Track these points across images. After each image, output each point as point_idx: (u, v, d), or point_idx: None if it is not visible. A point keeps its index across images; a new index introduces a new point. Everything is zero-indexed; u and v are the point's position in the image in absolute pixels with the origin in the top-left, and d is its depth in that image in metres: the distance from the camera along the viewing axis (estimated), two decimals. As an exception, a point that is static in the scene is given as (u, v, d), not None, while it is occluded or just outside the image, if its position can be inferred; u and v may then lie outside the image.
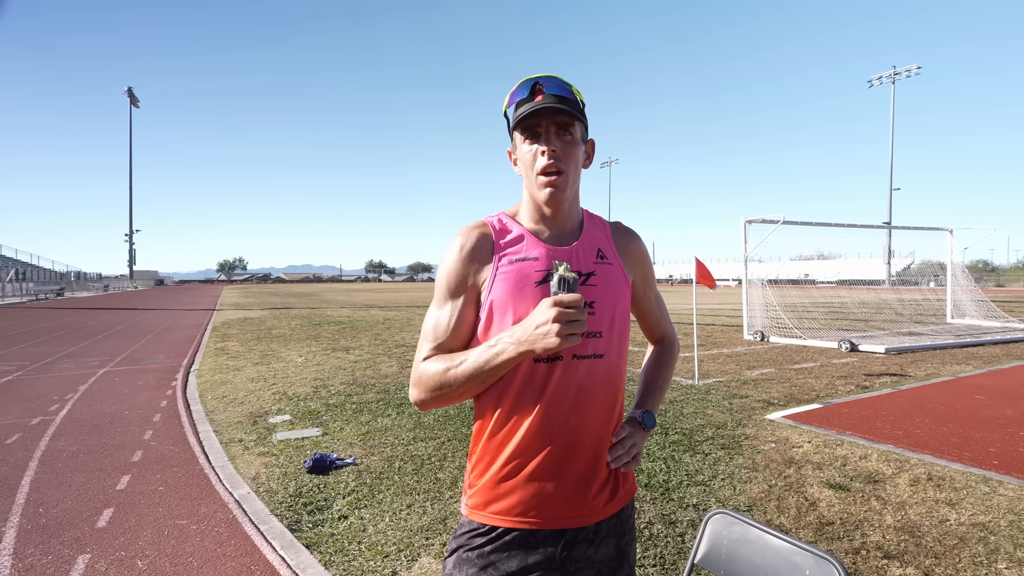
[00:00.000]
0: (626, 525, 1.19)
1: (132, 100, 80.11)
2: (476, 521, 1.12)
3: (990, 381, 7.05)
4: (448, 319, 1.12)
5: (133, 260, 77.66)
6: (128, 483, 3.67)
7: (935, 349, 10.04)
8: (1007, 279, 64.16)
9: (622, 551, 1.17)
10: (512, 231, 1.15)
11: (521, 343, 0.98)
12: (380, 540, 2.88)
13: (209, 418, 5.37)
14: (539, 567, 1.09)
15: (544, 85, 1.08)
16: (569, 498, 1.10)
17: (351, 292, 48.83)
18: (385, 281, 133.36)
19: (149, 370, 8.19)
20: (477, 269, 1.12)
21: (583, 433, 1.09)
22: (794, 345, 10.63)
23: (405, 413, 5.40)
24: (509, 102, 1.13)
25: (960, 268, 16.03)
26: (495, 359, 1.01)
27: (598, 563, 1.13)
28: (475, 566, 1.09)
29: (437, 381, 1.07)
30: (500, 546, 1.09)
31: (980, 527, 3.01)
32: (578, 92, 1.12)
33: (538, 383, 1.07)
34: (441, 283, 1.14)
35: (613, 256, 1.19)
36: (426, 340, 1.13)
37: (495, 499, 1.10)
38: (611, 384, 1.12)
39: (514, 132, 1.14)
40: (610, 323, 1.12)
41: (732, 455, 4.14)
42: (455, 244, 1.14)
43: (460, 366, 1.05)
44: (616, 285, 1.16)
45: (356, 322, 16.16)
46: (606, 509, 1.14)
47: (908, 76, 60.71)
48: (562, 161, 1.08)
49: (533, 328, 0.96)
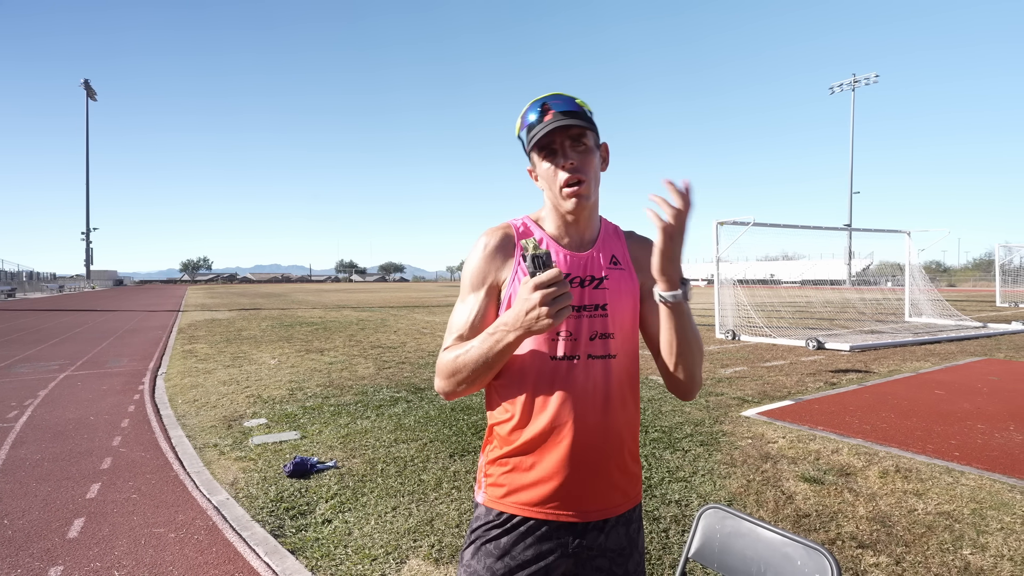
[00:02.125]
0: (633, 514, 1.23)
1: (89, 93, 77.01)
2: (494, 510, 1.17)
3: (948, 377, 7.39)
4: (469, 313, 1.17)
5: (90, 259, 74.60)
6: (99, 491, 3.54)
7: (896, 346, 10.47)
8: (958, 279, 67.26)
9: (631, 539, 1.22)
10: (534, 234, 1.21)
11: (516, 328, 1.01)
12: (367, 543, 2.85)
13: (181, 423, 5.21)
14: (554, 554, 1.14)
15: (551, 104, 1.14)
16: (585, 492, 1.14)
17: (322, 292, 47.97)
18: (356, 281, 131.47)
19: (113, 374, 7.89)
20: (499, 267, 1.18)
21: (599, 430, 1.14)
22: (764, 343, 10.93)
23: (385, 415, 5.34)
24: (521, 125, 1.19)
25: (918, 269, 16.74)
26: (496, 345, 1.05)
27: (610, 551, 1.18)
28: (492, 556, 1.14)
29: (450, 368, 1.13)
30: (516, 536, 1.14)
31: (945, 515, 3.16)
32: (584, 103, 1.17)
33: (556, 380, 1.12)
34: (465, 279, 1.21)
35: (626, 262, 1.25)
36: (450, 333, 1.19)
37: (513, 490, 1.15)
38: (625, 383, 1.18)
39: (531, 152, 1.18)
40: (621, 324, 1.18)
41: (711, 451, 4.24)
42: (480, 243, 1.21)
43: (468, 353, 1.10)
44: (627, 289, 1.21)
45: (329, 323, 15.89)
46: (619, 505, 1.19)
47: (867, 84, 63.02)
48: (581, 171, 1.13)
49: (523, 315, 0.99)
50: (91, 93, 77.39)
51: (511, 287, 1.16)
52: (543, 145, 1.14)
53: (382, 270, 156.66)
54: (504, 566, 1.13)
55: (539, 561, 1.13)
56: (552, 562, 1.13)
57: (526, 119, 1.17)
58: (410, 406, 5.69)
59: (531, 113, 1.16)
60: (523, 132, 1.19)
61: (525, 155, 1.23)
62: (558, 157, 1.14)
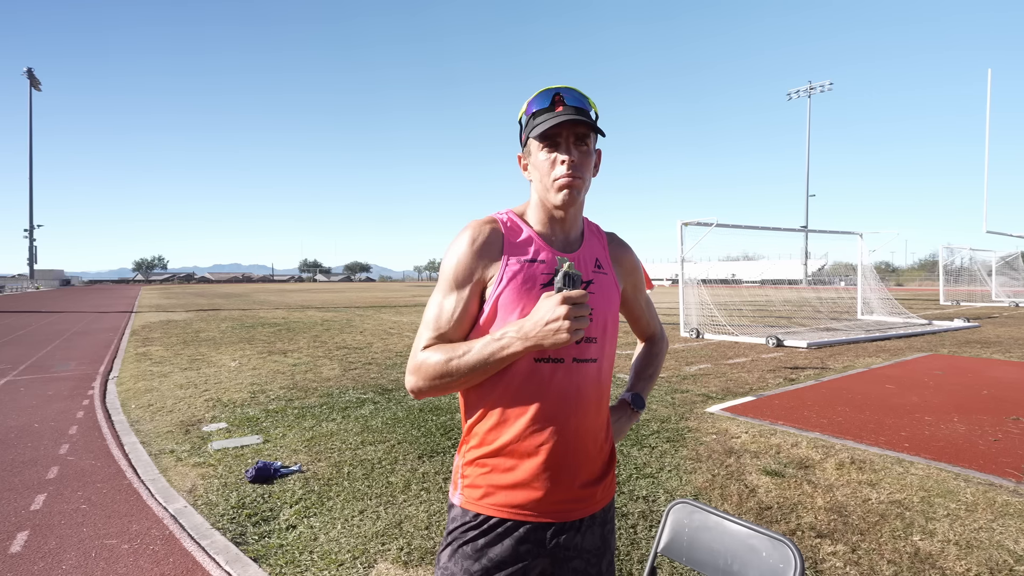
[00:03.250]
0: (608, 515, 1.25)
1: (33, 82, 72.93)
2: (471, 511, 1.15)
3: (897, 372, 7.75)
4: (453, 309, 1.13)
5: (34, 258, 70.68)
6: (44, 502, 3.35)
7: (849, 343, 10.91)
8: (905, 279, 70.72)
9: (605, 539, 1.23)
10: (522, 231, 1.18)
11: (529, 338, 0.99)
12: (333, 548, 2.78)
13: (134, 428, 4.98)
14: (531, 555, 1.13)
15: (564, 96, 1.11)
16: (563, 494, 1.14)
17: (285, 292, 46.79)
18: (321, 281, 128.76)
19: (60, 379, 7.50)
20: (487, 264, 1.13)
21: (578, 432, 1.14)
22: (727, 341, 11.23)
23: (351, 417, 5.24)
24: (527, 110, 1.15)
25: (870, 269, 17.51)
26: (500, 352, 1.02)
27: (586, 552, 1.18)
28: (469, 558, 1.12)
29: (439, 370, 1.07)
30: (493, 537, 1.13)
31: (897, 504, 3.31)
32: (594, 105, 1.15)
33: (539, 383, 1.11)
34: (448, 273, 1.14)
35: (608, 266, 1.25)
36: (427, 328, 1.13)
37: (491, 492, 1.14)
38: (601, 386, 1.19)
39: (530, 140, 1.15)
40: (603, 330, 1.18)
41: (677, 447, 4.32)
42: (465, 236, 1.14)
43: (463, 357, 1.05)
44: (609, 295, 1.22)
45: (292, 324, 15.50)
46: (595, 505, 1.20)
47: (822, 91, 65.54)
48: (579, 170, 1.11)
49: (543, 324, 0.97)
50: (35, 83, 73.30)
51: (497, 287, 1.11)
52: (547, 135, 1.11)
53: (347, 270, 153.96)
54: (481, 568, 1.11)
55: (517, 562, 1.12)
56: (530, 563, 1.13)
57: (533, 105, 1.13)
58: (377, 407, 5.60)
59: (540, 100, 1.12)
60: (526, 117, 1.15)
61: (519, 142, 1.20)
62: (560, 150, 1.11)
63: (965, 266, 30.05)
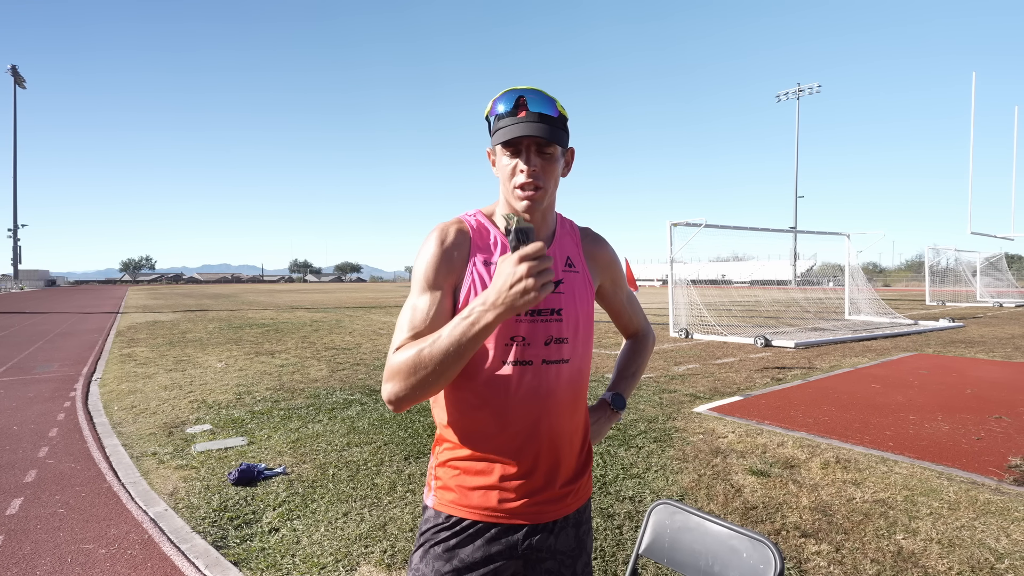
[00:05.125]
0: (583, 516, 1.23)
1: (17, 80, 71.89)
2: (443, 513, 1.14)
3: (883, 371, 7.82)
4: (427, 308, 1.08)
5: (18, 258, 69.69)
6: (20, 507, 3.28)
7: (836, 343, 11.01)
8: (892, 279, 71.55)
9: (580, 540, 1.21)
10: (489, 232, 1.16)
11: (497, 306, 0.93)
12: (315, 551, 2.75)
13: (116, 431, 4.90)
14: (502, 556, 1.12)
15: (528, 100, 1.07)
16: (535, 496, 1.13)
17: (274, 293, 46.43)
18: (311, 282, 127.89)
19: (42, 380, 7.37)
20: (456, 264, 1.11)
21: (550, 434, 1.13)
22: (716, 341, 11.28)
23: (337, 418, 5.20)
24: (491, 110, 1.12)
25: (857, 269, 17.68)
26: (471, 329, 0.95)
27: (559, 553, 1.17)
28: (441, 559, 1.11)
29: (412, 364, 1.00)
30: (465, 539, 1.11)
31: (881, 503, 3.33)
32: (562, 108, 1.12)
33: (507, 385, 1.09)
34: (419, 275, 1.11)
35: (581, 264, 1.23)
36: (401, 331, 1.08)
37: (462, 494, 1.13)
38: (576, 387, 1.17)
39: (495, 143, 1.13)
40: (575, 329, 1.15)
41: (664, 447, 4.32)
42: (434, 238, 1.13)
43: (435, 343, 0.98)
44: (582, 293, 1.19)
45: (281, 324, 15.37)
46: (569, 506, 1.18)
47: (811, 93, 66.10)
48: (540, 178, 1.08)
49: (507, 289, 0.92)
50: (19, 80, 72.26)
51: (467, 288, 1.10)
52: (508, 142, 1.09)
53: (338, 270, 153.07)
54: (452, 568, 1.10)
55: (488, 564, 1.11)
56: (501, 565, 1.12)
57: (496, 107, 1.10)
58: (364, 408, 5.56)
59: (504, 102, 1.09)
60: (492, 117, 1.12)
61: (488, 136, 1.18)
62: (521, 157, 1.09)
63: (951, 267, 30.48)
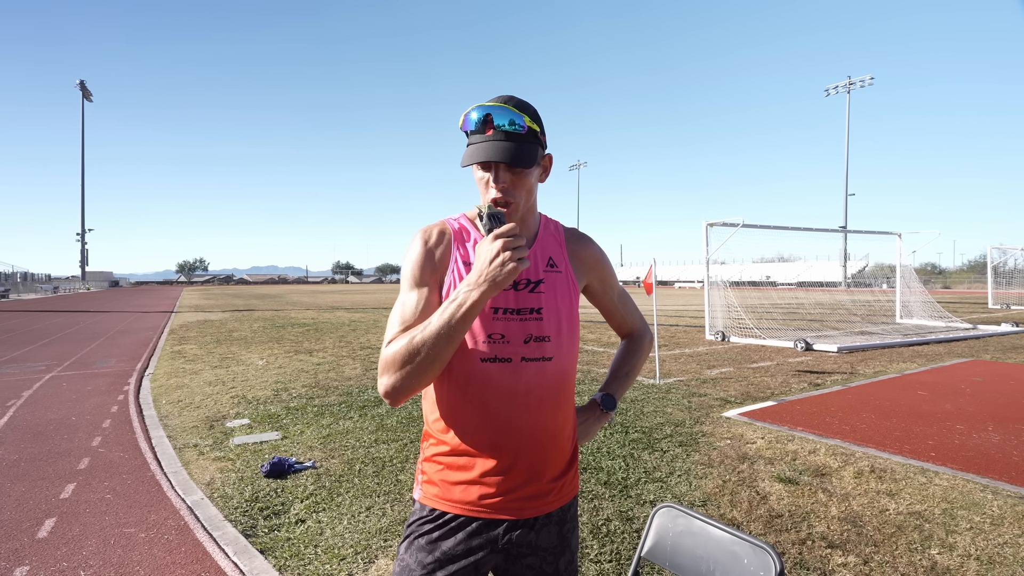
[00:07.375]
0: (567, 514, 1.24)
1: (85, 94, 76.83)
2: (427, 506, 1.18)
3: (932, 378, 7.42)
4: (415, 303, 1.13)
5: (85, 260, 74.33)
6: (73, 492, 3.53)
7: (884, 348, 10.51)
8: (953, 281, 67.68)
9: (564, 538, 1.23)
10: (471, 235, 1.20)
11: (481, 284, 0.99)
12: (337, 543, 2.85)
13: (163, 423, 5.20)
14: (483, 550, 1.15)
15: (495, 117, 1.10)
16: (516, 492, 1.15)
17: (317, 294, 47.91)
18: (352, 283, 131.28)
19: (100, 375, 7.87)
20: (438, 264, 1.17)
21: (531, 431, 1.15)
22: (753, 345, 10.96)
23: (368, 415, 5.34)
24: (463, 124, 1.15)
25: (909, 270, 16.82)
26: (459, 310, 1.00)
27: (541, 549, 1.19)
28: (423, 550, 1.15)
29: (404, 351, 1.03)
30: (447, 532, 1.15)
31: (916, 515, 3.18)
32: (532, 122, 1.13)
33: (486, 383, 1.12)
34: (407, 274, 1.17)
35: (564, 264, 1.24)
36: (392, 326, 1.12)
37: (445, 488, 1.17)
38: (559, 385, 1.18)
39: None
40: (557, 328, 1.17)
41: (689, 452, 4.25)
42: (418, 239, 1.19)
43: (426, 328, 1.02)
44: (563, 292, 1.21)
45: (321, 324, 15.87)
46: (551, 503, 1.20)
47: (862, 86, 63.33)
48: (511, 193, 1.12)
49: (488, 265, 0.99)
50: (87, 94, 77.19)
51: (448, 284, 1.15)
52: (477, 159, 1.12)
53: (379, 271, 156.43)
54: (434, 559, 1.14)
55: (468, 556, 1.14)
56: (481, 558, 1.15)
57: (467, 122, 1.13)
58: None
59: (472, 120, 1.12)
60: (464, 131, 1.16)
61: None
62: (491, 172, 1.12)
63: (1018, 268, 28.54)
